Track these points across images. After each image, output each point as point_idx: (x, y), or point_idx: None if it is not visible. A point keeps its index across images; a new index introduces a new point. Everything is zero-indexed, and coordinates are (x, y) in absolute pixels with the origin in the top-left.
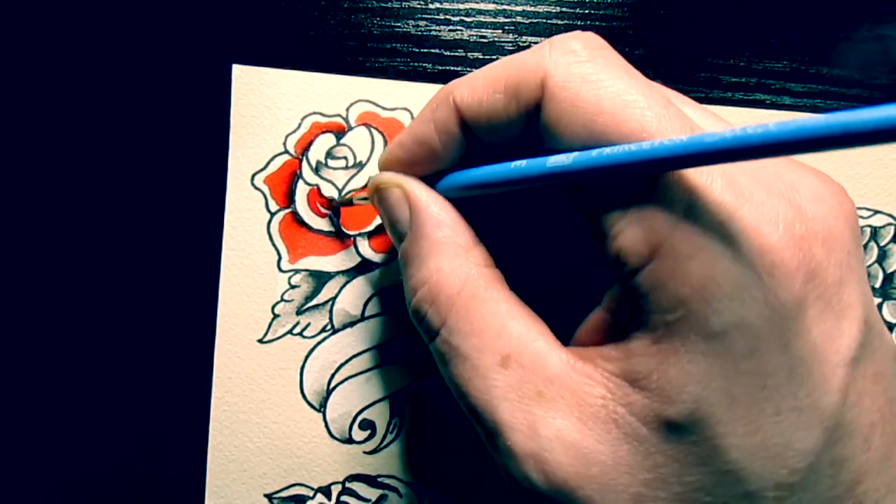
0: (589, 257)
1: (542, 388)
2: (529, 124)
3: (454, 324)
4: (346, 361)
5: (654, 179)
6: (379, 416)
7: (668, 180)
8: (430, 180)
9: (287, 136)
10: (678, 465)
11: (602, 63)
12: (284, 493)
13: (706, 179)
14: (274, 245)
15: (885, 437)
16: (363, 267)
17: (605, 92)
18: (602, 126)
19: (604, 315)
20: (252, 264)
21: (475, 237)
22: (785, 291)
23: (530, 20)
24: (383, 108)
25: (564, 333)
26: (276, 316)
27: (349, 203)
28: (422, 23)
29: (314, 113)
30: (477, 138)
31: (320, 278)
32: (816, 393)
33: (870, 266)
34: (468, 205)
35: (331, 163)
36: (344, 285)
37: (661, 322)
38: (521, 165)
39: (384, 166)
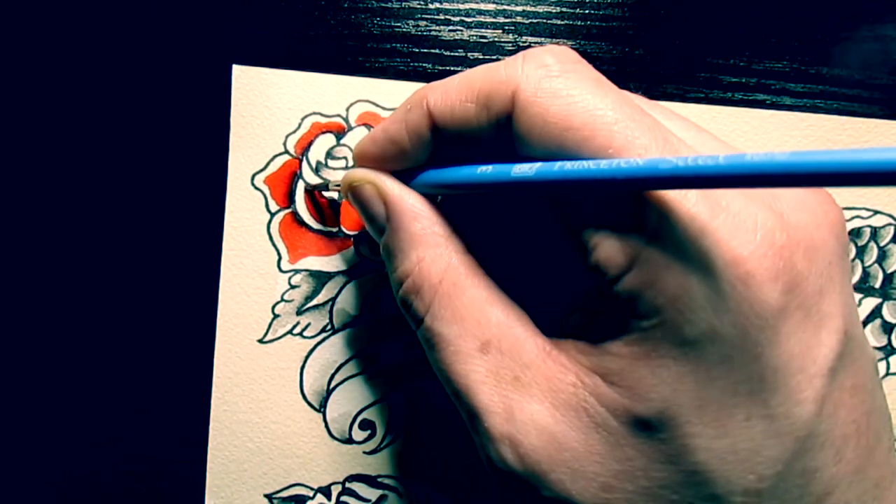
0: (567, 257)
1: (519, 373)
2: (500, 131)
3: (437, 311)
4: (346, 361)
5: (620, 193)
6: (379, 416)
7: (642, 193)
8: (404, 176)
9: (287, 137)
10: (646, 460)
11: (574, 78)
12: (284, 494)
13: (681, 191)
14: (274, 245)
15: (858, 450)
16: (363, 267)
17: (575, 108)
18: (571, 141)
19: (581, 314)
20: (252, 264)
21: (450, 226)
22: (761, 301)
23: (530, 20)
24: (383, 108)
25: (540, 327)
26: (276, 316)
27: (324, 188)
28: (422, 23)
29: (314, 113)
30: (448, 140)
31: (320, 278)
32: (790, 402)
33: (870, 266)
34: (448, 198)
35: (331, 163)
36: (344, 285)
37: (636, 328)
38: (487, 171)
39: (357, 159)
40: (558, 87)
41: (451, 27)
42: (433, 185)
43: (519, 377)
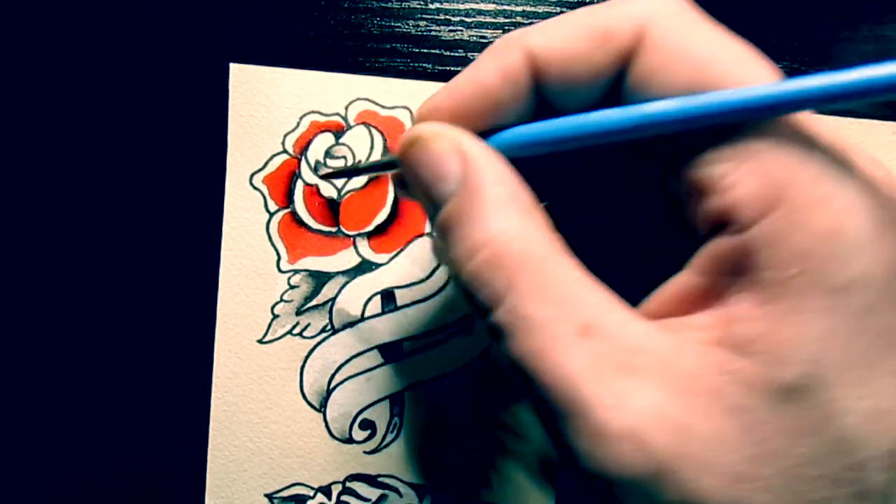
0: (655, 225)
1: (630, 359)
2: (613, 76)
3: (525, 290)
4: (347, 361)
5: (767, 125)
6: (379, 416)
7: (779, 127)
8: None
9: (286, 136)
10: (787, 437)
11: (701, 17)
12: (285, 493)
13: (820, 127)
14: (273, 245)
15: None
16: (363, 267)
17: (714, 45)
18: (708, 82)
19: (691, 280)
20: (251, 264)
21: (534, 198)
22: None
23: (530, 20)
24: (382, 107)
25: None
26: (275, 316)
27: (358, 171)
28: (422, 23)
29: (313, 112)
30: (546, 93)
31: (320, 278)
32: None
33: None
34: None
35: (330, 162)
36: (344, 285)
37: (776, 279)
38: (608, 116)
39: (426, 115)
40: (688, 22)
41: (450, 27)
42: (524, 144)
43: (629, 364)
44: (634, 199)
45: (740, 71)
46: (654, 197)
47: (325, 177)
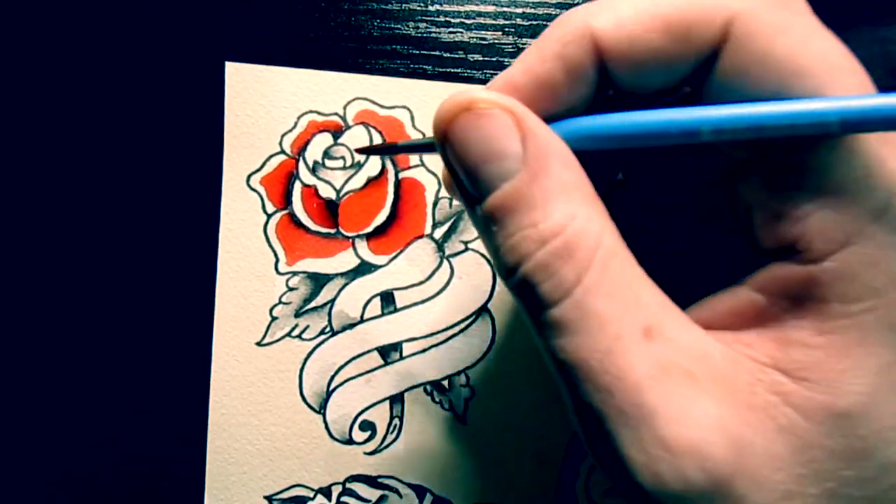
0: (714, 235)
1: (692, 367)
2: (694, 73)
3: (595, 283)
4: (346, 363)
5: (851, 158)
6: (379, 417)
7: (869, 165)
8: None
9: (283, 136)
10: (836, 460)
11: (800, 13)
12: (284, 495)
13: None
14: (271, 247)
15: None
16: (362, 268)
17: (809, 47)
18: (799, 87)
19: (750, 298)
20: (249, 267)
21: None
22: None
23: (530, 22)
24: (381, 107)
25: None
26: (274, 318)
27: (393, 149)
28: (422, 24)
29: (311, 111)
30: (614, 85)
31: (318, 280)
32: None
33: None
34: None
35: (328, 163)
36: (343, 287)
37: (841, 313)
38: (677, 118)
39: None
40: (787, 19)
41: (450, 29)
42: (589, 137)
43: (692, 373)
44: (693, 196)
45: (835, 83)
46: (713, 198)
47: (361, 151)
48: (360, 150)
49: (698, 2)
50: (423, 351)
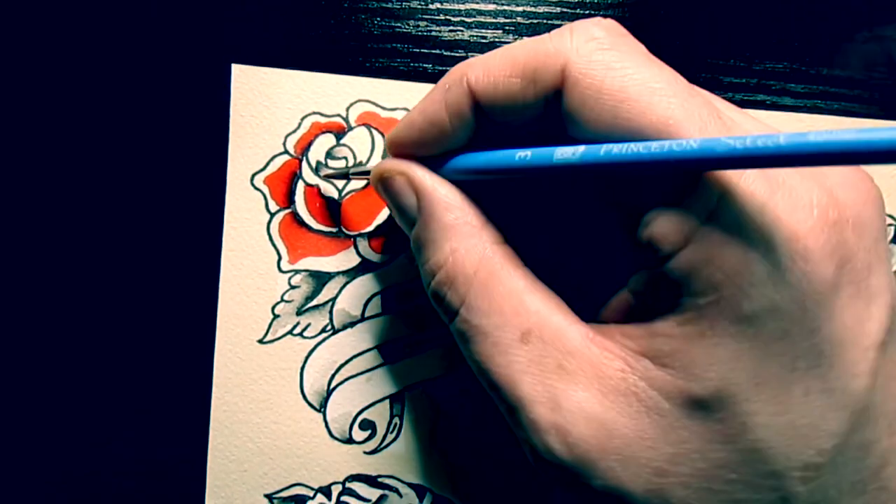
0: (608, 239)
1: (563, 361)
2: (546, 108)
3: (473, 302)
4: (347, 362)
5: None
6: (379, 416)
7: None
8: (435, 162)
9: (287, 136)
10: (702, 441)
11: (625, 50)
12: (285, 494)
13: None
14: (274, 245)
15: None
16: (363, 267)
17: (631, 80)
18: (628, 113)
19: (627, 297)
20: (252, 265)
21: (485, 216)
22: (818, 276)
23: (530, 20)
24: (383, 108)
25: (582, 315)
26: (276, 316)
27: (344, 176)
28: (422, 23)
29: (314, 113)
30: (490, 119)
31: (320, 279)
32: (846, 376)
33: None
34: (480, 184)
35: (331, 163)
36: (344, 285)
37: (690, 306)
38: (526, 157)
39: (391, 144)
40: (611, 59)
41: (451, 27)
42: (468, 171)
43: (563, 365)
44: (594, 215)
45: (654, 108)
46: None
47: (327, 177)
48: (325, 177)
49: (543, 49)
50: (424, 350)
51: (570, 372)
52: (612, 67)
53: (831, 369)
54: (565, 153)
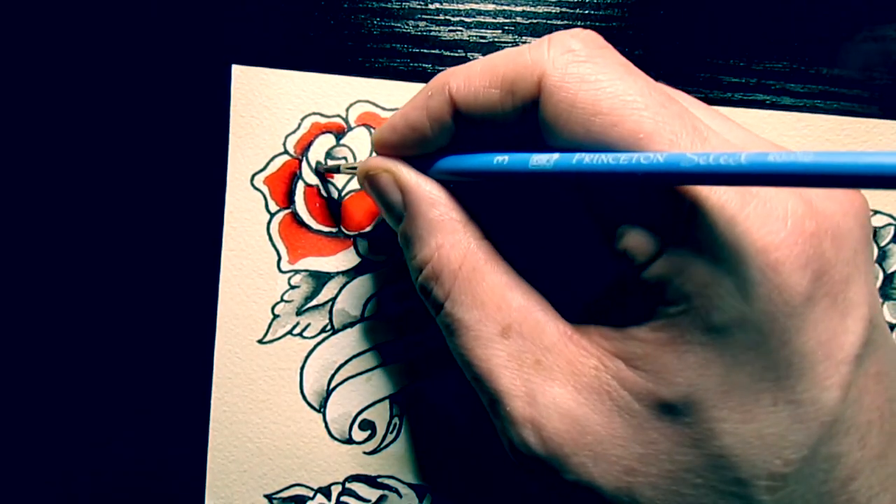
0: (588, 241)
1: (541, 356)
2: (525, 117)
3: (457, 297)
4: (346, 362)
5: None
6: (379, 416)
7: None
8: (420, 162)
9: (287, 137)
10: (670, 444)
11: (601, 63)
12: (284, 494)
13: None
14: (274, 245)
15: (881, 436)
16: (363, 267)
17: (604, 93)
18: (599, 127)
19: (604, 300)
20: (252, 265)
21: (467, 213)
22: (790, 288)
23: (530, 20)
24: (383, 109)
25: (563, 311)
26: (275, 316)
27: (336, 170)
28: (421, 23)
29: (314, 113)
30: (471, 124)
31: (320, 279)
32: (816, 388)
33: None
34: (464, 184)
35: (331, 163)
36: (344, 286)
37: (662, 314)
38: (503, 161)
39: (376, 146)
40: (586, 72)
41: (450, 27)
42: (449, 173)
43: (540, 361)
44: (577, 219)
45: (628, 125)
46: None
47: (326, 170)
48: (325, 169)
49: (521, 61)
50: (424, 350)
51: (547, 367)
52: (586, 80)
53: (800, 381)
54: (540, 160)
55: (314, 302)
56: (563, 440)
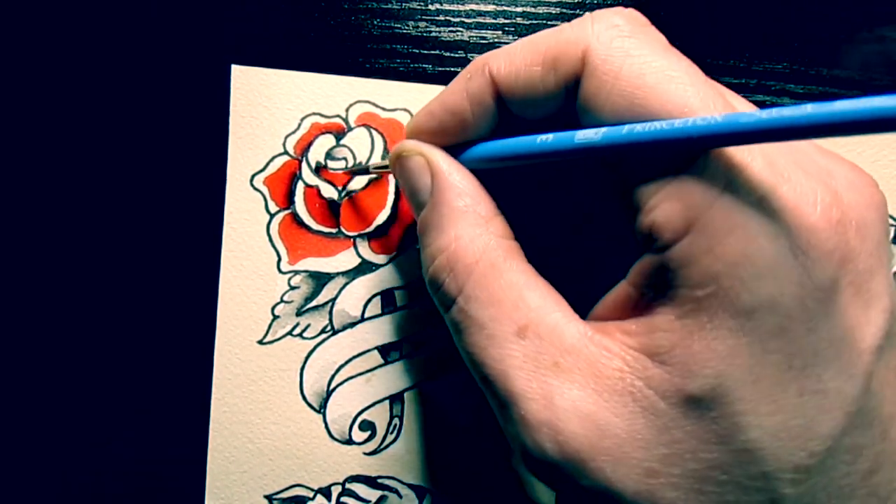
0: (611, 233)
1: (559, 358)
2: (566, 101)
3: (471, 292)
4: (346, 362)
5: (691, 154)
6: (379, 417)
7: (707, 155)
8: (455, 150)
9: (286, 137)
10: (695, 442)
11: (644, 38)
12: (284, 495)
13: (746, 156)
14: (273, 246)
15: None
16: (363, 268)
17: (649, 67)
18: (643, 100)
19: (627, 290)
20: (252, 265)
21: (496, 208)
22: (819, 272)
23: (530, 21)
24: (383, 109)
25: (582, 310)
26: (275, 317)
27: (365, 171)
28: (422, 24)
29: (314, 114)
30: (510, 111)
31: (320, 279)
32: (841, 377)
33: None
34: (492, 176)
35: (330, 164)
36: (344, 286)
37: (689, 297)
38: (547, 140)
39: (410, 134)
40: (631, 46)
41: (451, 28)
42: (486, 158)
43: (559, 363)
44: (599, 209)
45: (674, 99)
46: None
47: (356, 171)
48: (334, 169)
49: (564, 37)
50: (424, 350)
51: (566, 370)
52: (631, 55)
53: (827, 370)
54: (587, 134)
55: (314, 302)
56: (580, 444)
